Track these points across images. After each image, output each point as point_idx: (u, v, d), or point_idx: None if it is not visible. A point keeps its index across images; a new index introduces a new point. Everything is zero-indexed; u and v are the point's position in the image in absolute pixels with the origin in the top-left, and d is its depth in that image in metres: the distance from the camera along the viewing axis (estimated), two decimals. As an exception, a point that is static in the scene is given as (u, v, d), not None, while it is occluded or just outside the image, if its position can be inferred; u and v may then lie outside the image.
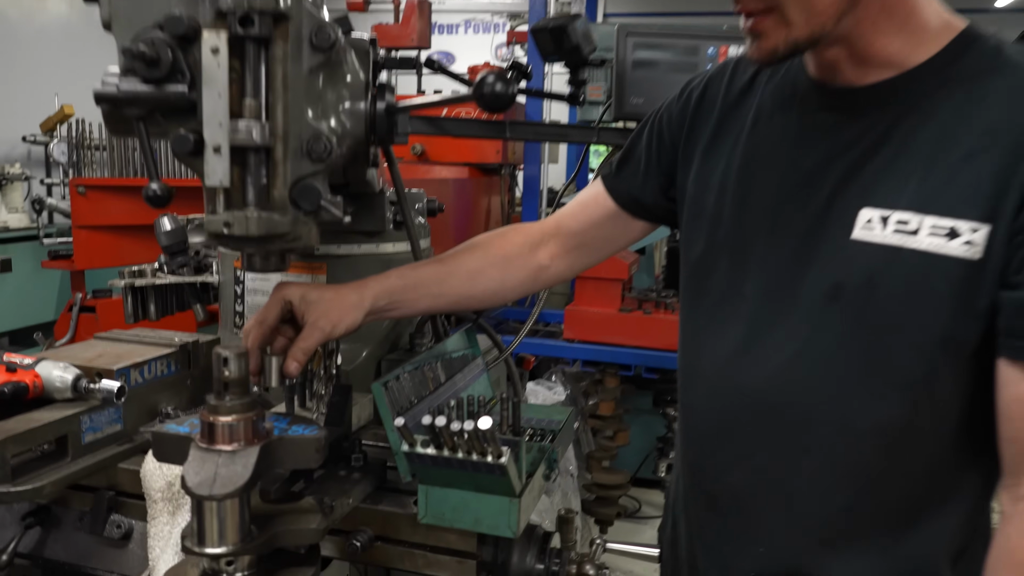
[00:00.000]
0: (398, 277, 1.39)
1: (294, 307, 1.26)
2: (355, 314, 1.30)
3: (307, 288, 1.28)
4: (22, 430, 1.32)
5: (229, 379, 1.06)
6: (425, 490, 1.23)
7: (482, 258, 1.51)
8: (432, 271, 1.46)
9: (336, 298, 1.28)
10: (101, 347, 1.67)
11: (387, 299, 1.36)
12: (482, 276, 1.49)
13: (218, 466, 1.03)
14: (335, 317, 1.26)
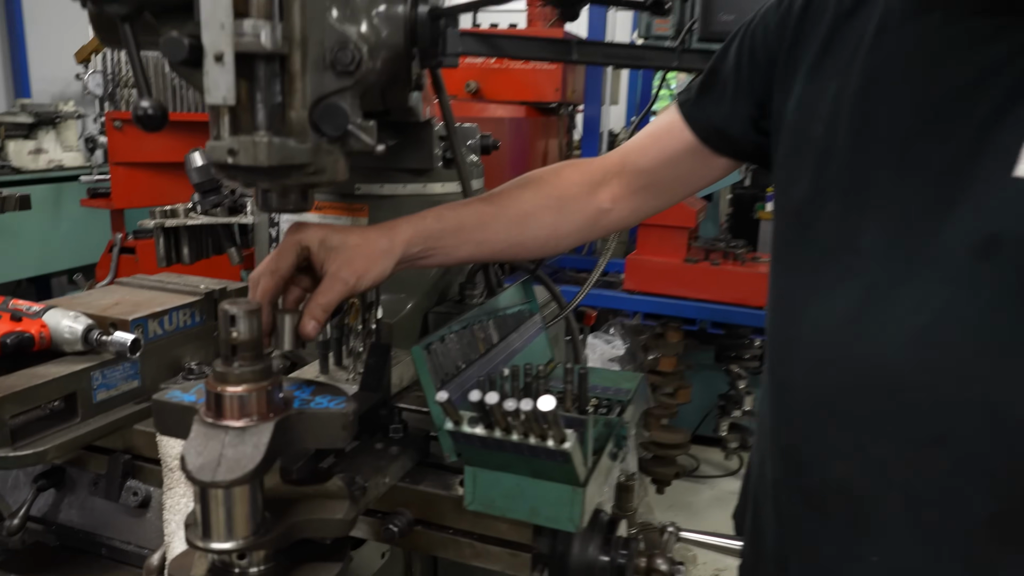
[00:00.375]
0: (435, 219, 1.18)
1: (312, 254, 1.06)
2: (384, 262, 1.09)
3: (328, 231, 1.08)
4: (22, 387, 1.18)
5: (238, 341, 0.88)
6: (473, 473, 1.04)
7: (533, 198, 1.29)
8: (475, 212, 1.24)
9: (362, 243, 1.08)
10: (120, 294, 1.52)
11: (422, 244, 1.15)
12: (533, 220, 1.27)
13: (224, 446, 0.85)
14: (360, 266, 1.06)
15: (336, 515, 0.93)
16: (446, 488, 1.15)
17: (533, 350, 1.45)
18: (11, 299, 1.34)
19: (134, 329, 1.35)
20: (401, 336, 1.78)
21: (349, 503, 0.96)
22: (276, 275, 1.04)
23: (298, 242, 1.06)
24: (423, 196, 1.80)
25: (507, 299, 1.43)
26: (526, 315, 1.48)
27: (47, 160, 5.99)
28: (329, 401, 0.95)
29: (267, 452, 0.86)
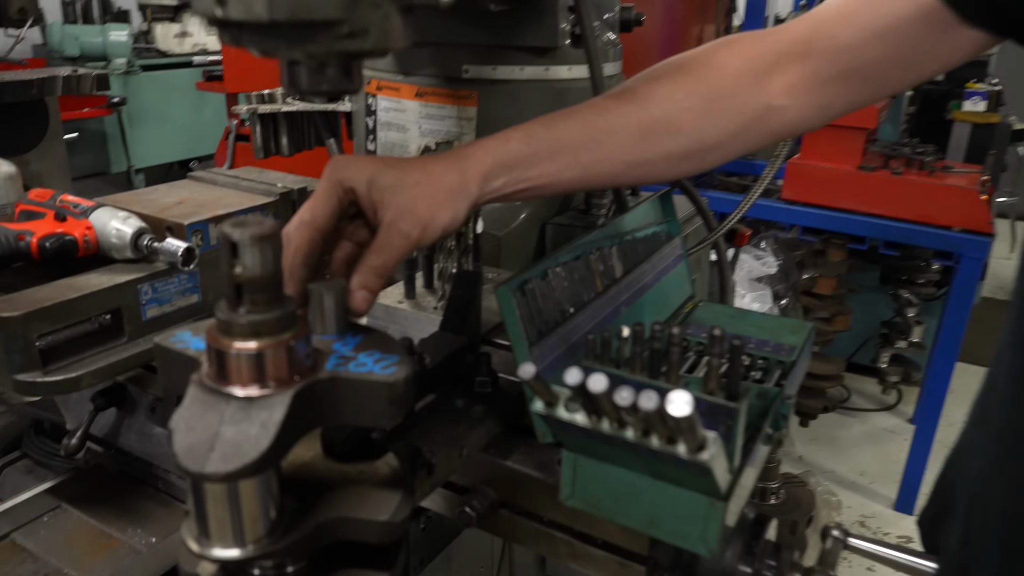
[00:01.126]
0: (523, 140, 0.86)
1: (359, 197, 0.79)
2: (455, 205, 0.80)
3: (379, 166, 0.80)
4: (54, 301, 1.00)
5: (244, 278, 0.63)
6: (573, 461, 0.77)
7: (670, 97, 0.91)
8: (581, 126, 0.89)
9: (424, 181, 0.79)
10: (188, 190, 1.32)
11: (506, 176, 0.84)
12: (667, 129, 0.90)
13: (223, 422, 0.62)
14: (424, 212, 0.78)
15: (379, 515, 0.69)
16: (541, 468, 0.88)
17: (669, 286, 1.13)
18: (61, 194, 1.17)
19: (191, 235, 1.15)
20: (511, 253, 1.51)
21: (401, 498, 0.71)
22: (311, 227, 0.78)
23: (339, 183, 0.79)
24: (544, 82, 1.47)
25: (638, 218, 1.11)
26: (662, 238, 1.16)
27: (191, 44, 6.02)
28: (376, 362, 0.69)
29: (279, 434, 0.61)
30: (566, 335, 0.87)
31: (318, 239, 0.78)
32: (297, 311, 0.68)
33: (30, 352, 0.98)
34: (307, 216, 0.78)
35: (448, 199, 0.80)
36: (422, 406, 0.92)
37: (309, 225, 0.78)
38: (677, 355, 0.72)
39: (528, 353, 0.80)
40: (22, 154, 1.53)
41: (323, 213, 0.78)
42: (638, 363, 0.75)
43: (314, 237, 0.78)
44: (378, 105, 1.54)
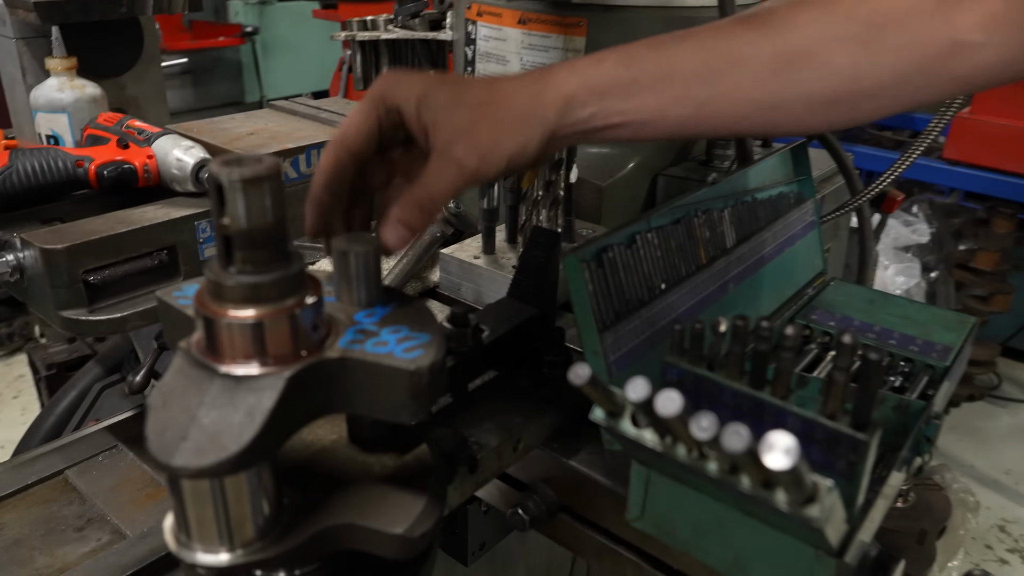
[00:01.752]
0: (621, 62, 0.67)
1: (406, 119, 0.64)
2: (525, 132, 0.64)
3: (433, 83, 0.65)
4: (103, 235, 0.93)
5: (232, 230, 0.50)
6: (644, 477, 0.61)
7: (816, 24, 0.68)
8: (698, 52, 0.68)
9: (488, 100, 0.64)
10: (265, 120, 1.22)
11: (595, 104, 0.66)
12: (809, 65, 0.68)
13: (202, 404, 0.50)
14: (485, 137, 0.63)
15: (392, 527, 0.56)
16: (611, 474, 0.73)
17: (794, 259, 0.94)
18: (129, 119, 1.10)
19: (256, 169, 1.05)
20: (615, 207, 1.33)
21: (424, 506, 0.59)
22: (340, 147, 0.65)
23: (381, 100, 0.65)
24: (667, 9, 1.27)
25: (762, 175, 0.91)
26: (790, 201, 0.96)
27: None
28: (400, 341, 0.56)
29: (266, 424, 0.50)
30: (653, 318, 0.70)
31: (347, 162, 0.65)
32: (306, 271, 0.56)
33: (75, 288, 0.91)
34: (338, 135, 0.66)
35: (516, 124, 0.64)
36: (477, 385, 0.79)
37: (338, 145, 0.65)
38: (788, 363, 0.55)
39: (597, 340, 0.64)
40: (116, 76, 1.50)
41: (356, 132, 0.65)
42: (737, 366, 0.58)
43: (342, 158, 0.65)
44: (478, 33, 1.39)
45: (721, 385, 0.59)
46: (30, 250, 0.90)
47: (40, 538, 0.93)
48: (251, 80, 5.55)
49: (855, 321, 0.89)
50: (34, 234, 0.91)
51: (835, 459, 0.55)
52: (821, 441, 0.55)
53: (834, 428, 0.54)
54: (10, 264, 0.93)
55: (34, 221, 0.98)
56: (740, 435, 0.41)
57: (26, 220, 0.98)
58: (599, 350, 0.64)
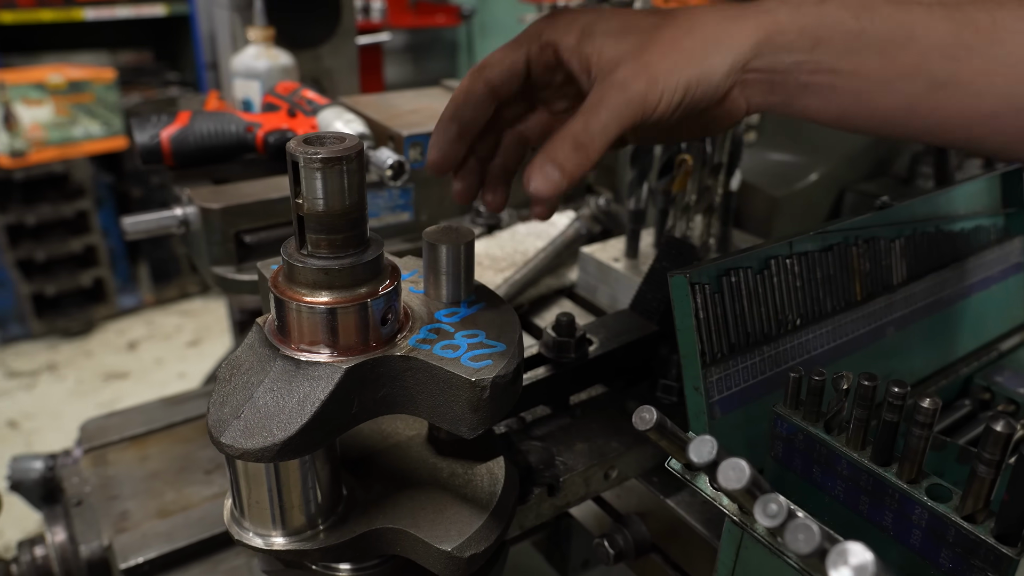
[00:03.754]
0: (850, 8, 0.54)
1: (564, 56, 0.56)
2: (707, 59, 0.53)
3: (599, 14, 0.56)
4: (255, 199, 0.97)
5: (307, 211, 0.48)
6: (737, 539, 0.53)
7: None
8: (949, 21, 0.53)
9: (665, 24, 0.54)
10: (431, 99, 1.22)
11: (803, 52, 0.54)
12: None
13: (260, 388, 0.49)
14: (657, 59, 0.53)
15: (442, 542, 0.53)
16: (709, 523, 0.65)
17: (985, 306, 0.79)
18: (302, 89, 1.14)
19: (408, 148, 1.05)
20: (790, 221, 1.20)
21: (483, 524, 0.54)
22: (478, 77, 0.58)
23: (535, 35, 0.57)
24: None
25: (956, 202, 0.77)
26: (991, 236, 0.80)
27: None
28: (472, 347, 0.52)
29: (318, 414, 0.48)
30: (779, 357, 0.61)
31: (481, 92, 0.58)
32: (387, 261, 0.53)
33: (227, 246, 0.96)
34: (480, 63, 0.59)
35: (699, 47, 0.53)
36: (581, 401, 0.73)
37: (476, 74, 0.58)
38: (920, 440, 0.44)
39: (700, 375, 0.56)
40: (313, 47, 1.57)
41: (499, 63, 0.58)
42: (859, 432, 0.48)
43: (475, 88, 0.58)
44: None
45: (837, 452, 0.49)
46: (193, 206, 0.96)
47: (174, 474, 1.00)
48: (464, 59, 5.73)
49: (1054, 392, 0.73)
50: (197, 192, 0.97)
51: (969, 570, 0.44)
52: (953, 544, 0.44)
53: (971, 533, 0.43)
54: (177, 217, 1.00)
55: (206, 179, 1.05)
56: (807, 537, 0.33)
57: (199, 178, 1.05)
58: (701, 387, 0.56)
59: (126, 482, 0.99)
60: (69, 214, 3.33)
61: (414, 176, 1.07)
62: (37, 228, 3.29)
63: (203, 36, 4.13)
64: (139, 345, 3.49)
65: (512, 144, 0.64)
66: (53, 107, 3.21)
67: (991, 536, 0.42)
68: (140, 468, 1.01)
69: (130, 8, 3.82)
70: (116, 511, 0.94)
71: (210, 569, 0.89)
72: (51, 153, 3.23)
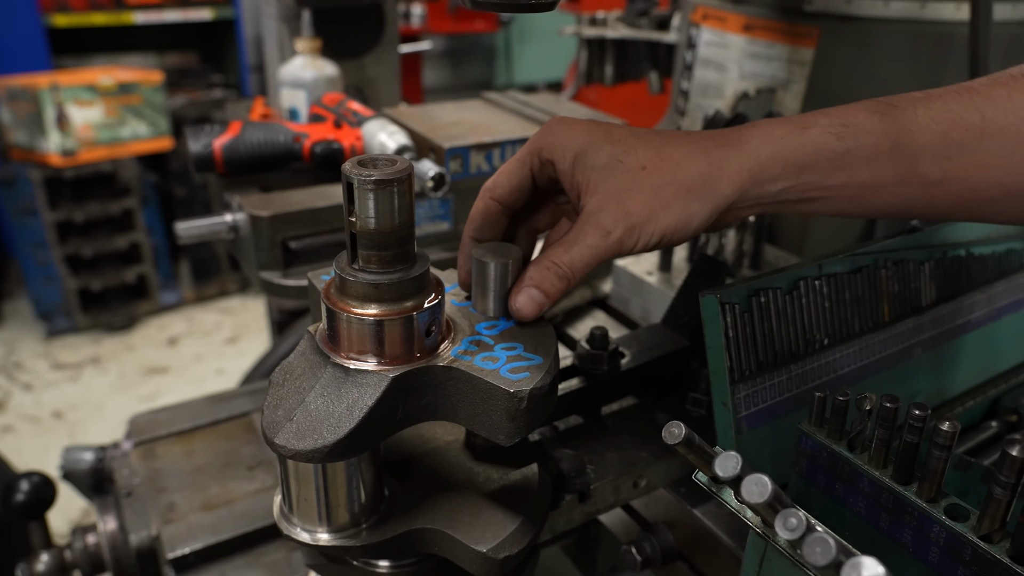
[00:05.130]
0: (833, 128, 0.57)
1: (560, 175, 0.61)
2: (689, 207, 0.57)
3: (595, 138, 0.59)
4: (302, 207, 1.01)
5: (360, 229, 0.52)
6: (761, 549, 0.55)
7: None
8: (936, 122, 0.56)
9: (652, 166, 0.58)
10: (471, 112, 1.26)
11: (791, 178, 0.57)
12: None
13: (311, 393, 0.53)
14: (638, 208, 0.57)
15: (478, 543, 0.56)
16: (734, 533, 0.67)
17: (1015, 328, 0.79)
18: (347, 100, 1.18)
19: (449, 159, 1.09)
20: (824, 236, 1.21)
21: (516, 528, 0.57)
22: (489, 195, 0.63)
23: (536, 152, 0.61)
24: (917, 24, 1.12)
25: (987, 226, 0.78)
26: (1021, 260, 0.81)
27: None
28: (511, 360, 0.55)
29: (365, 419, 0.51)
30: (806, 375, 0.63)
31: (494, 210, 0.63)
32: (431, 276, 0.56)
33: (274, 252, 1.00)
34: (489, 183, 0.64)
35: (679, 197, 0.57)
36: (613, 411, 0.75)
37: (488, 192, 0.63)
38: (939, 462, 0.46)
39: (728, 392, 0.58)
40: (358, 57, 1.62)
41: (507, 182, 0.63)
42: (881, 451, 0.50)
43: (489, 207, 0.63)
44: (700, 38, 1.32)
45: (860, 470, 0.51)
46: (243, 213, 1.00)
47: (218, 469, 1.05)
48: (501, 65, 5.77)
49: (1083, 415, 0.74)
50: (247, 199, 1.01)
51: (984, 587, 0.46)
52: (970, 563, 0.46)
53: (988, 552, 0.45)
54: (227, 223, 1.04)
55: (255, 187, 1.09)
56: (823, 549, 0.35)
57: (248, 185, 1.09)
58: (729, 402, 0.58)
59: (173, 475, 1.03)
60: (116, 212, 3.44)
61: (454, 187, 1.10)
62: (85, 225, 3.40)
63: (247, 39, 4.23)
64: (179, 341, 3.58)
65: (525, 236, 0.68)
66: (103, 108, 3.31)
67: (1007, 556, 0.44)
68: (186, 462, 1.06)
69: (178, 12, 3.93)
70: (164, 503, 0.98)
71: (252, 562, 0.93)
72: (100, 153, 3.33)
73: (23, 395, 3.17)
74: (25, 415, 3.05)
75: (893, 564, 0.51)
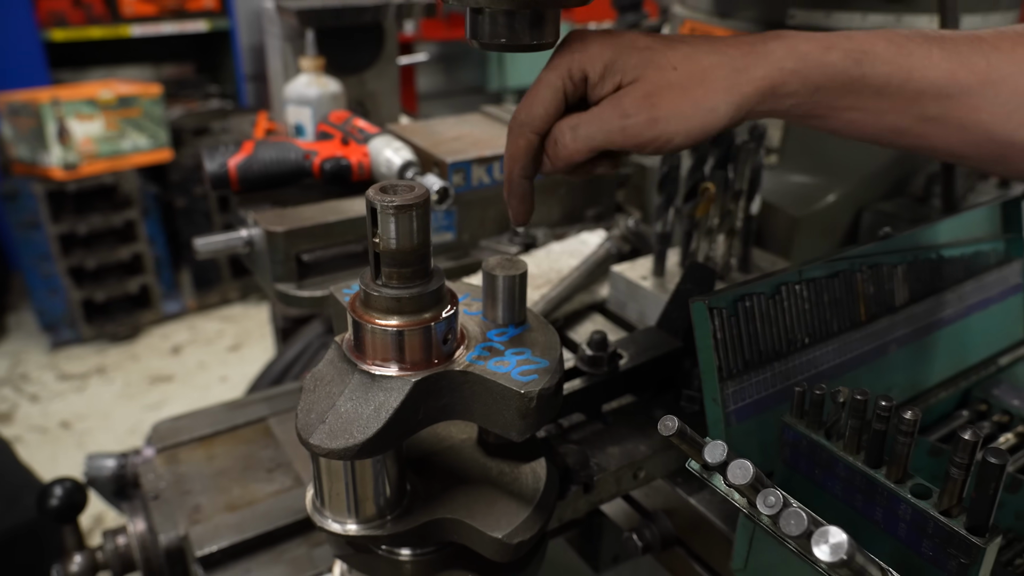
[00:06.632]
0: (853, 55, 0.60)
1: (589, 85, 0.63)
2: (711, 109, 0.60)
3: (624, 44, 0.62)
4: (315, 222, 1.06)
5: (383, 249, 0.58)
6: (749, 531, 0.61)
7: None
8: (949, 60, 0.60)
9: (682, 65, 0.61)
10: (471, 126, 1.31)
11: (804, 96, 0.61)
12: None
13: (343, 394, 0.58)
14: (665, 104, 0.60)
15: (494, 530, 0.62)
16: (728, 518, 0.73)
17: (984, 324, 0.86)
18: (353, 118, 1.24)
19: (452, 173, 1.14)
20: (810, 240, 1.28)
21: (528, 516, 0.63)
22: (528, 131, 0.64)
23: (567, 71, 0.62)
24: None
25: (956, 230, 0.84)
26: (990, 260, 0.87)
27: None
28: (520, 363, 0.61)
29: (391, 419, 0.57)
30: (789, 372, 0.69)
31: (538, 143, 0.65)
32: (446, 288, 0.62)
33: (289, 266, 1.06)
34: (523, 116, 0.64)
35: (704, 98, 0.60)
36: (613, 409, 0.81)
37: (526, 128, 0.64)
38: (904, 447, 0.52)
39: (717, 388, 0.64)
40: (359, 73, 1.67)
41: (544, 112, 0.63)
42: (855, 439, 0.56)
43: (532, 143, 0.64)
44: (688, 50, 1.38)
45: (836, 456, 0.57)
46: (258, 229, 1.06)
47: (239, 472, 1.10)
48: (494, 70, 5.83)
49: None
50: (262, 215, 1.07)
51: (946, 558, 0.51)
52: (933, 536, 0.52)
53: (946, 525, 0.51)
54: (243, 238, 1.10)
55: (267, 202, 1.14)
56: (797, 520, 0.41)
57: (261, 201, 1.15)
58: (718, 398, 0.64)
59: (197, 479, 1.09)
60: (118, 223, 3.49)
61: (457, 199, 1.16)
62: (88, 237, 3.45)
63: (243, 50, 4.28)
64: (183, 349, 3.63)
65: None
66: (104, 122, 3.36)
67: (963, 528, 0.50)
68: (208, 466, 1.11)
69: (174, 24, 3.98)
70: (190, 505, 1.04)
71: (275, 558, 0.98)
72: (101, 165, 3.38)
73: (30, 406, 3.21)
74: (33, 426, 3.10)
75: (867, 539, 0.57)
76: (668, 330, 0.84)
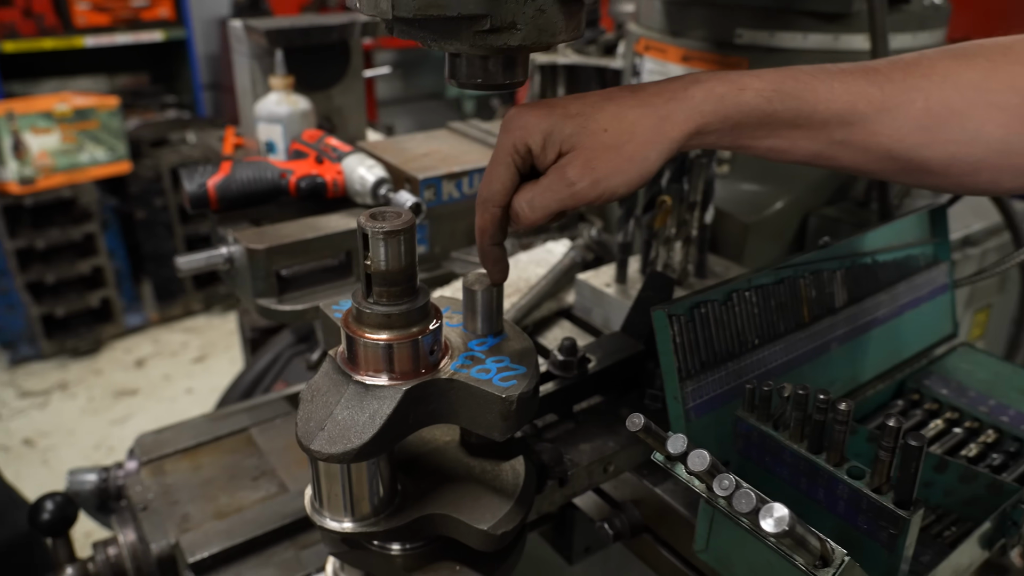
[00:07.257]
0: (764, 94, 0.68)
1: (535, 160, 0.70)
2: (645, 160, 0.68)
3: (557, 117, 0.68)
4: (294, 239, 1.11)
5: (374, 271, 0.63)
6: (709, 515, 0.68)
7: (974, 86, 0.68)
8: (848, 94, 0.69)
9: (613, 127, 0.68)
10: (440, 142, 1.37)
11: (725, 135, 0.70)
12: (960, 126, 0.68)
13: (339, 404, 0.64)
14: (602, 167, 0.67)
15: (480, 523, 0.68)
16: (691, 505, 0.80)
17: (915, 322, 0.94)
18: (326, 136, 1.28)
19: (424, 189, 1.20)
20: (760, 245, 1.36)
21: (510, 509, 0.69)
22: (491, 205, 0.71)
23: (513, 148, 0.69)
24: (832, 53, 1.28)
25: (888, 236, 0.92)
26: (919, 263, 0.96)
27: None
28: (500, 370, 0.67)
29: (385, 425, 0.62)
30: (741, 370, 0.76)
31: (501, 215, 0.71)
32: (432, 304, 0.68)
33: (270, 281, 1.10)
34: (485, 193, 0.71)
35: (639, 151, 0.67)
36: (582, 409, 0.88)
37: (489, 203, 0.71)
38: (840, 434, 0.60)
39: (678, 387, 0.71)
40: (326, 89, 1.72)
41: (500, 188, 0.70)
42: (799, 429, 0.64)
43: (496, 215, 0.71)
44: (643, 66, 1.46)
45: (782, 444, 0.64)
46: (238, 246, 1.10)
47: (225, 481, 1.14)
48: (452, 75, 5.89)
49: (971, 391, 0.88)
50: (242, 234, 1.11)
51: (878, 530, 0.59)
52: (866, 511, 0.59)
53: (877, 501, 0.58)
54: (224, 256, 1.14)
55: (245, 220, 1.19)
56: (747, 500, 0.48)
57: (239, 219, 1.19)
58: (679, 396, 0.71)
59: (184, 489, 1.12)
60: (77, 237, 3.46)
61: (428, 213, 1.22)
62: (46, 251, 3.41)
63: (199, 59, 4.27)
64: (147, 362, 3.61)
65: None
66: (60, 135, 3.34)
67: (891, 503, 0.57)
68: (195, 476, 1.15)
69: (129, 35, 3.96)
70: (178, 514, 1.07)
71: (264, 561, 1.03)
72: (59, 179, 3.35)
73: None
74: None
75: (811, 517, 0.64)
76: (632, 334, 0.91)
